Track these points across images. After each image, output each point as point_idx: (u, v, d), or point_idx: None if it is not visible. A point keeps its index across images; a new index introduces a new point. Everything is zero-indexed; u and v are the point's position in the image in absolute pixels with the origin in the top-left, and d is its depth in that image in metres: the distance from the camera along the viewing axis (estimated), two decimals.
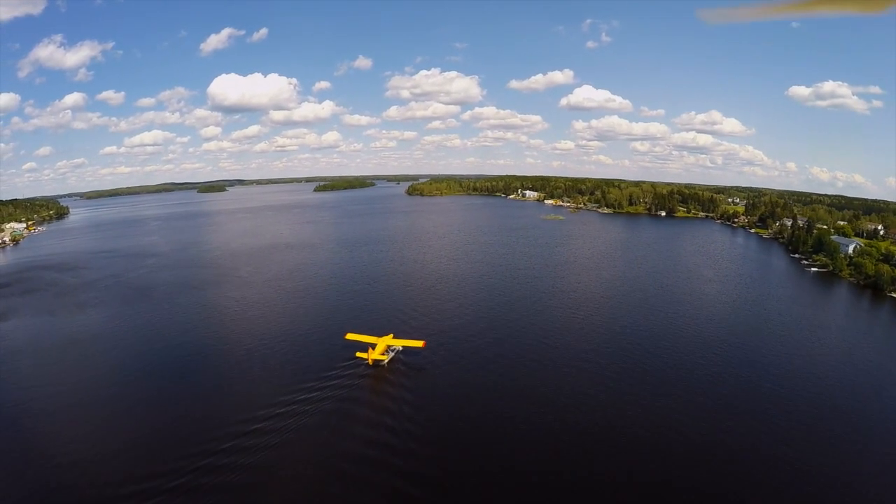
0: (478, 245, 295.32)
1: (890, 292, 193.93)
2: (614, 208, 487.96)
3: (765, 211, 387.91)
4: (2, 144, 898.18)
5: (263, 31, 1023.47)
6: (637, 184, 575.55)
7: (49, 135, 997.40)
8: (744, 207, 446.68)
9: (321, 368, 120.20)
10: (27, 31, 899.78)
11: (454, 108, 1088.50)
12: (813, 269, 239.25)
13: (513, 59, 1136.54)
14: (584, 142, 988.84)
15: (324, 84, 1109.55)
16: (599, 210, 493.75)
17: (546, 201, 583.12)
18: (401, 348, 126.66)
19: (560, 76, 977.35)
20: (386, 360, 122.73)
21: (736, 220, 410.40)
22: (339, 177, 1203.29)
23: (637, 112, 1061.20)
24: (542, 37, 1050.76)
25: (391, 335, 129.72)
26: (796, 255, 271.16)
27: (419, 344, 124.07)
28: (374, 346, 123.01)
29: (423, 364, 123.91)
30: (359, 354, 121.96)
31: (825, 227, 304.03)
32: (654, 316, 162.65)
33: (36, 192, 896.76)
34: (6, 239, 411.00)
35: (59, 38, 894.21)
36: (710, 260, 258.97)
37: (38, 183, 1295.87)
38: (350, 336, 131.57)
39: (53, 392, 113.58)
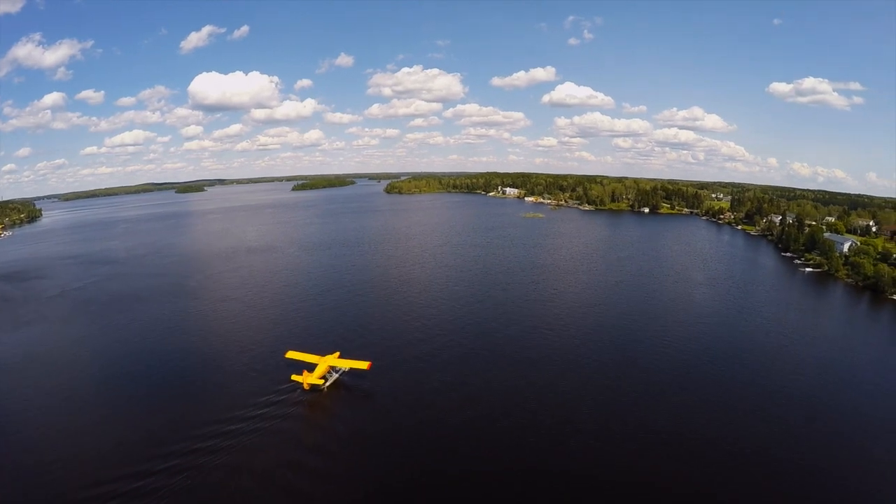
0: (449, 247, 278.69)
1: (891, 294, 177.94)
2: (596, 205, 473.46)
3: (751, 207, 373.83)
4: None
5: (244, 29, 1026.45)
6: (620, 180, 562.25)
7: (28, 135, 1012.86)
8: (728, 203, 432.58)
9: (253, 393, 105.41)
10: (5, 29, 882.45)
11: (436, 106, 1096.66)
12: (807, 269, 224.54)
13: (495, 56, 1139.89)
14: (566, 138, 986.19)
15: (305, 82, 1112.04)
16: (581, 207, 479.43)
17: (526, 199, 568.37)
18: (345, 370, 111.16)
19: (542, 73, 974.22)
20: (325, 385, 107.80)
21: (721, 216, 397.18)
22: (320, 175, 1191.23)
23: (619, 109, 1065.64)
24: (525, 34, 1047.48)
25: (337, 354, 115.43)
26: (788, 254, 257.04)
27: (364, 365, 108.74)
28: (314, 367, 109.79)
29: (369, 389, 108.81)
30: (294, 378, 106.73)
31: (815, 223, 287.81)
32: (642, 327, 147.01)
33: (16, 194, 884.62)
34: None
35: (37, 36, 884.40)
36: (697, 260, 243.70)
37: (17, 185, 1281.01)
38: (290, 354, 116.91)
39: None
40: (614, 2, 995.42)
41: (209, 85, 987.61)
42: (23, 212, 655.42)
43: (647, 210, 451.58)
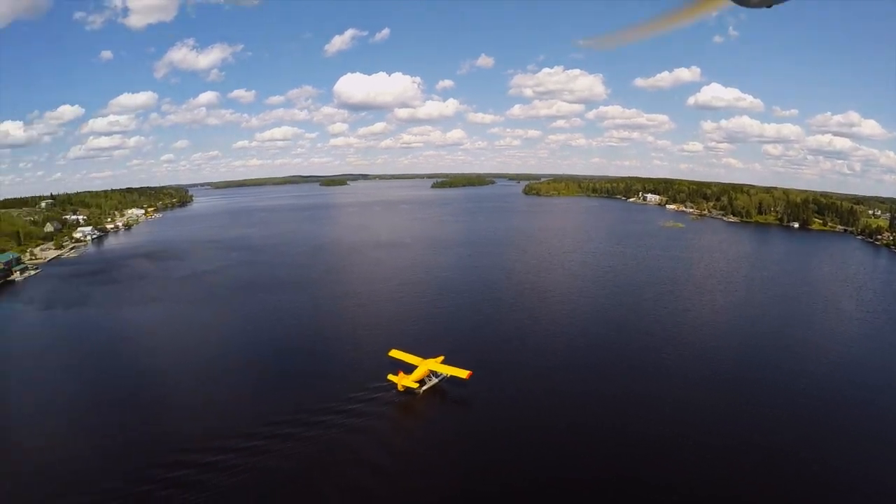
0: (579, 254, 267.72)
1: None
2: (741, 217, 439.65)
3: None
4: (142, 137, 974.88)
5: (385, 32, 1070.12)
6: (768, 190, 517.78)
7: (185, 129, 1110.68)
8: (888, 222, 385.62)
9: (349, 387, 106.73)
10: (161, 36, 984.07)
11: (578, 107, 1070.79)
12: None
13: (637, 55, 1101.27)
14: (712, 143, 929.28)
15: (447, 83, 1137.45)
16: (725, 218, 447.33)
17: (668, 206, 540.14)
18: (445, 376, 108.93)
19: (687, 73, 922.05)
20: (420, 389, 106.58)
21: (879, 236, 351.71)
22: (461, 174, 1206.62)
23: (769, 112, 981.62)
24: (667, 32, 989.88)
25: (440, 358, 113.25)
26: None
27: (463, 374, 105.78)
28: (414, 369, 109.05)
29: (466, 399, 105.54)
30: (390, 377, 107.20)
31: None
32: (785, 359, 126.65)
33: (173, 181, 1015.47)
34: (119, 224, 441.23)
35: (191, 41, 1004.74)
36: (851, 289, 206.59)
37: (174, 173, 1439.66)
38: (393, 353, 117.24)
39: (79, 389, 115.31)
40: None
41: (354, 85, 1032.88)
42: (175, 197, 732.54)
43: (796, 225, 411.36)
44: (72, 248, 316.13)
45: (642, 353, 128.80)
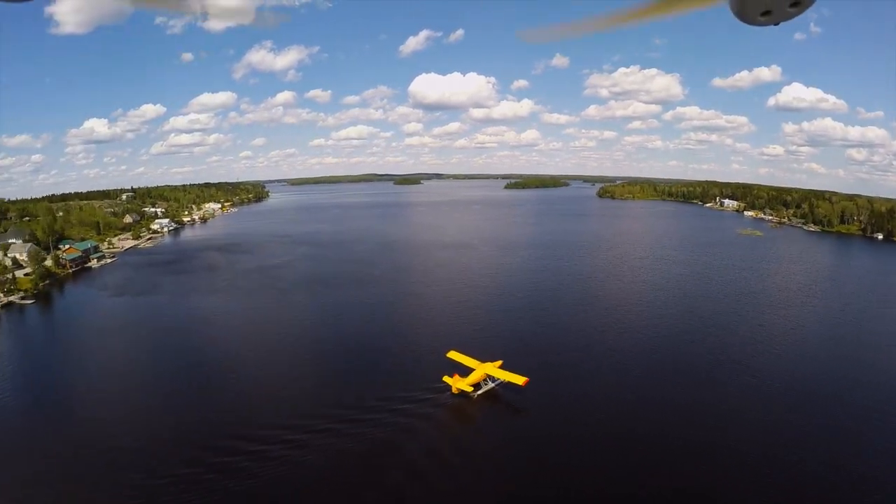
0: (650, 260, 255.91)
1: None
2: (822, 226, 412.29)
3: None
4: (222, 135, 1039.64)
5: (460, 32, 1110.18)
6: (851, 198, 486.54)
7: (263, 127, 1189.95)
8: None
9: (403, 386, 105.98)
10: (240, 39, 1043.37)
11: (655, 108, 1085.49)
12: None
13: (715, 54, 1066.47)
14: (794, 147, 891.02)
15: (522, 83, 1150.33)
16: (805, 227, 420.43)
17: (745, 213, 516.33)
18: (502, 381, 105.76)
19: (767, 73, 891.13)
20: (475, 393, 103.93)
21: None
22: (535, 175, 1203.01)
23: (853, 114, 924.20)
24: (746, 29, 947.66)
25: (499, 363, 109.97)
26: None
27: (520, 381, 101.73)
28: (470, 371, 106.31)
29: (522, 407, 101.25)
30: (445, 379, 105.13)
31: None
32: (852, 381, 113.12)
33: (251, 177, 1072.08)
34: (195, 217, 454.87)
35: (268, 44, 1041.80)
36: None
37: (252, 169, 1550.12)
38: (451, 354, 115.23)
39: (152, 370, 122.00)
40: None
41: (428, 85, 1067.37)
42: (251, 192, 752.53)
43: (880, 236, 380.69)
44: (148, 239, 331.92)
45: (713, 369, 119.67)
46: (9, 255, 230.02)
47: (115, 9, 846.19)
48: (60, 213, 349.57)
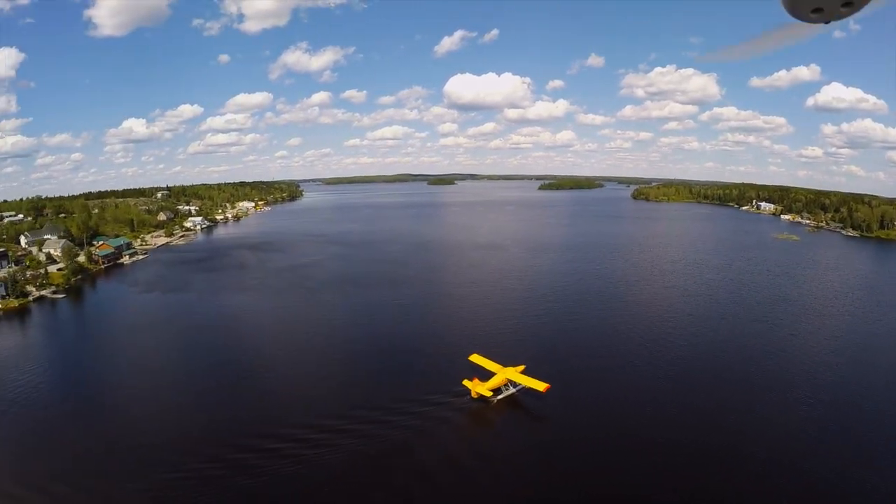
0: (683, 265, 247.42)
1: None
2: (861, 231, 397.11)
3: None
4: (258, 135, 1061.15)
5: (494, 32, 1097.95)
6: (892, 202, 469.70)
7: (298, 127, 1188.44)
8: None
9: (423, 388, 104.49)
10: (275, 40, 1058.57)
11: (692, 109, 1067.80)
12: None
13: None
14: (833, 149, 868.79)
15: (557, 83, 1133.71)
16: (843, 231, 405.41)
17: (782, 216, 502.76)
18: (522, 387, 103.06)
19: (806, 72, 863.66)
20: (494, 398, 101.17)
21: None
22: (570, 176, 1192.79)
23: (895, 115, 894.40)
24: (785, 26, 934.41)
25: (521, 367, 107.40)
26: None
27: (540, 387, 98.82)
28: (491, 375, 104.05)
29: (544, 414, 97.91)
30: (465, 383, 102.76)
31: None
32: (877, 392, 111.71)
33: (286, 176, 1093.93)
34: (229, 216, 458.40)
35: (304, 45, 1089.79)
36: None
37: (288, 168, 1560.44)
38: (473, 357, 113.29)
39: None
40: None
41: (463, 85, 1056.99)
42: (285, 191, 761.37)
43: None
44: (181, 236, 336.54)
45: (741, 380, 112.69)
46: (44, 250, 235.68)
47: (153, 11, 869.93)
48: (96, 211, 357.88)
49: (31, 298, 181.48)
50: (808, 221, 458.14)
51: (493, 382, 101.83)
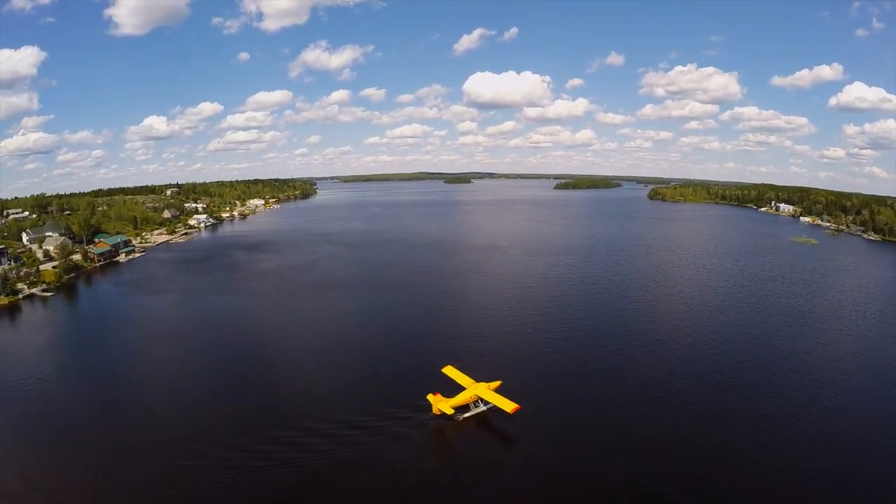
0: (691, 270, 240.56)
1: None
2: (883, 234, 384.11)
3: None
4: (277, 133, 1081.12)
5: (514, 31, 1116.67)
6: None
7: (318, 125, 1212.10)
8: None
9: (386, 400, 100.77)
10: (295, 38, 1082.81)
11: (712, 108, 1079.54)
12: None
13: (774, 51, 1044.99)
14: (855, 149, 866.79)
15: (577, 81, 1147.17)
16: (864, 235, 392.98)
17: (801, 218, 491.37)
18: (491, 405, 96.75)
19: (828, 71, 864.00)
20: (459, 416, 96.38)
21: None
22: (588, 175, 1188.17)
23: None
24: (806, 25, 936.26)
25: (496, 384, 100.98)
26: None
27: (508, 407, 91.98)
28: (461, 390, 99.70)
29: (512, 436, 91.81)
30: (429, 397, 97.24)
31: None
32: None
33: (305, 174, 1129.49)
34: (235, 214, 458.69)
35: (323, 43, 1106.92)
36: None
37: (307, 166, 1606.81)
38: (447, 370, 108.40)
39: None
40: None
41: (482, 84, 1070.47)
42: (298, 189, 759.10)
43: None
44: (183, 234, 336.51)
45: (740, 414, 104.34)
46: (43, 247, 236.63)
47: (172, 10, 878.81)
48: (101, 208, 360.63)
49: (21, 296, 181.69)
50: (827, 224, 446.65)
51: (460, 399, 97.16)
